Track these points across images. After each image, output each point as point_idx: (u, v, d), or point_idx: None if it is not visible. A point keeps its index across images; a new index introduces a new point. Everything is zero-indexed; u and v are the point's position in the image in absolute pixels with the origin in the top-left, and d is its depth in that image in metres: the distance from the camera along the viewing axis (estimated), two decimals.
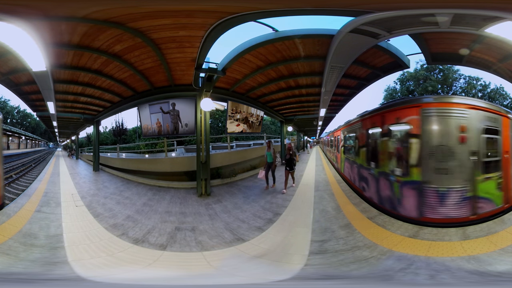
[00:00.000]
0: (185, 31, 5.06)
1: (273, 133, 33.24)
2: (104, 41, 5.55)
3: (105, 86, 8.57)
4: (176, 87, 8.29)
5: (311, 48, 6.47)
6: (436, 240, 4.06)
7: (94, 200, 7.15)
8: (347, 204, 6.35)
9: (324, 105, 10.30)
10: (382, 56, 7.35)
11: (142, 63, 6.73)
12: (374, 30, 4.86)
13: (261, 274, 3.55)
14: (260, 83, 9.00)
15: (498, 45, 5.99)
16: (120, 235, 4.72)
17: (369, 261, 3.66)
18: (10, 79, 8.01)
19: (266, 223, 5.33)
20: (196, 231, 4.90)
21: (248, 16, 4.27)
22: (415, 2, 3.92)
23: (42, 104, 10.32)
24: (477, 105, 4.75)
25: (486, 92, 25.91)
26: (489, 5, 3.64)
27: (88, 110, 12.15)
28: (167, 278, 3.49)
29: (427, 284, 3.11)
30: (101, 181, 10.55)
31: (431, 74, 27.13)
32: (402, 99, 6.65)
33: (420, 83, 27.17)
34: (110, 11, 4.33)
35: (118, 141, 28.71)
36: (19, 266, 3.56)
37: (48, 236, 4.58)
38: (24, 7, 3.64)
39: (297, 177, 10.66)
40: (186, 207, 6.43)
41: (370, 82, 9.27)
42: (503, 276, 3.17)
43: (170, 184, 9.10)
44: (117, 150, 16.00)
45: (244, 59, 6.83)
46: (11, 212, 5.68)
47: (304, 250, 4.08)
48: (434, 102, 4.86)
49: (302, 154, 23.46)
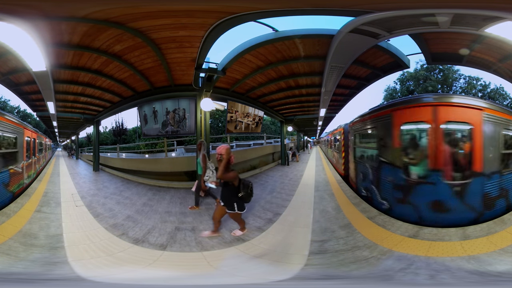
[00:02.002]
0: (185, 31, 5.06)
1: (273, 133, 33.23)
2: (104, 41, 5.55)
3: (105, 86, 8.57)
4: (176, 87, 8.29)
5: (311, 48, 6.47)
6: (436, 240, 4.06)
7: (94, 200, 7.15)
8: (347, 204, 6.35)
9: (324, 105, 10.30)
10: (382, 56, 7.35)
11: (142, 63, 6.73)
12: (374, 30, 4.86)
13: (261, 274, 3.54)
14: (260, 83, 9.00)
15: (498, 45, 5.99)
16: (120, 235, 4.71)
17: (369, 261, 3.66)
18: (10, 79, 8.01)
19: (266, 223, 5.33)
20: (196, 231, 4.89)
21: (248, 16, 4.27)
22: (415, 2, 3.92)
23: (42, 104, 10.32)
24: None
25: (486, 92, 25.91)
26: (489, 5, 3.64)
27: (88, 110, 12.16)
28: (167, 278, 3.48)
29: (427, 284, 3.11)
30: (101, 181, 10.55)
31: (431, 74, 27.13)
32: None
33: (420, 83, 27.17)
34: (110, 11, 4.33)
35: (118, 141, 28.72)
36: (19, 266, 3.56)
37: (48, 236, 4.57)
38: (24, 7, 3.63)
39: (297, 177, 10.69)
40: (186, 207, 6.43)
41: (370, 82, 9.28)
42: (503, 276, 3.16)
43: (170, 184, 9.10)
44: (117, 150, 16.01)
45: (244, 59, 6.83)
46: (11, 212, 5.68)
47: (304, 250, 4.08)
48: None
49: (303, 154, 23.46)
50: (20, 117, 24.51)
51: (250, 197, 4.41)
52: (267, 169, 13.36)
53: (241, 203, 4.41)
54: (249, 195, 4.37)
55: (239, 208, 4.42)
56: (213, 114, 32.67)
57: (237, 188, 4.32)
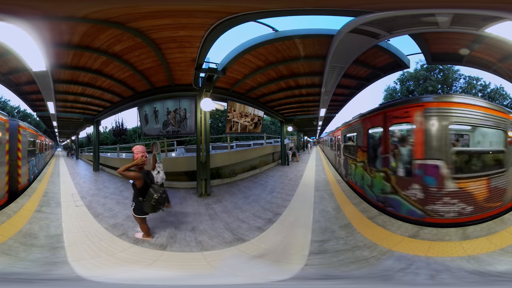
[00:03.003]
0: (185, 31, 5.06)
1: (273, 133, 33.23)
2: (104, 41, 5.55)
3: (105, 86, 8.56)
4: (176, 87, 8.29)
5: (311, 48, 6.47)
6: (436, 240, 4.06)
7: (94, 200, 7.15)
8: (347, 204, 6.35)
9: (324, 105, 10.30)
10: (382, 56, 7.35)
11: (142, 63, 6.73)
12: (374, 30, 4.86)
13: (261, 274, 3.55)
14: (260, 83, 8.99)
15: (498, 45, 6.00)
16: (120, 235, 4.72)
17: (369, 261, 3.66)
18: (10, 79, 8.01)
19: (266, 223, 5.33)
20: (196, 231, 4.90)
21: (248, 16, 4.27)
22: (415, 2, 3.91)
23: (42, 104, 10.33)
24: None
25: (486, 92, 25.92)
26: (489, 5, 3.64)
27: (88, 110, 12.15)
28: (167, 278, 3.48)
29: (427, 284, 3.11)
30: (101, 181, 10.55)
31: (431, 74, 27.13)
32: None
33: (420, 83, 27.17)
34: (110, 11, 4.33)
35: (118, 141, 28.71)
36: (19, 266, 3.56)
37: (48, 236, 4.58)
38: (24, 7, 3.63)
39: (297, 177, 10.69)
40: (186, 207, 6.43)
41: (370, 82, 9.27)
42: (503, 276, 3.17)
43: (170, 184, 9.10)
44: (117, 150, 16.00)
45: (244, 59, 6.83)
46: (11, 212, 5.69)
47: (304, 250, 4.08)
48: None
49: (303, 154, 23.47)
50: (20, 117, 24.54)
51: (152, 209, 4.20)
52: (267, 169, 13.36)
53: (138, 206, 4.29)
54: (151, 206, 4.16)
55: (135, 211, 4.33)
56: (213, 114, 32.67)
57: (139, 191, 4.25)
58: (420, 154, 4.60)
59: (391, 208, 5.26)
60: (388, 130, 5.54)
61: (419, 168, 4.60)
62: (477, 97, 6.20)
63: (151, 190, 4.22)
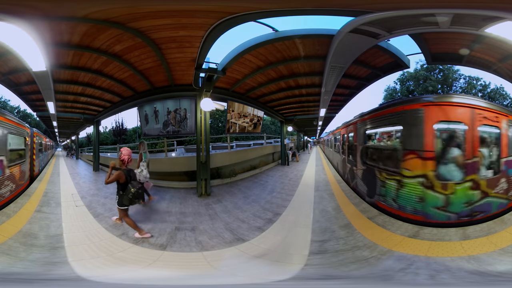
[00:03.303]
0: (185, 31, 5.06)
1: (273, 133, 33.22)
2: (104, 41, 5.55)
3: (105, 86, 8.56)
4: (176, 87, 8.29)
5: (311, 48, 6.47)
6: (436, 240, 4.06)
7: (94, 200, 7.15)
8: (347, 204, 6.35)
9: (324, 105, 10.30)
10: (382, 56, 7.35)
11: (142, 63, 6.73)
12: (374, 30, 4.86)
13: (261, 274, 3.55)
14: (260, 83, 9.00)
15: (498, 45, 6.00)
16: (120, 235, 4.72)
17: (369, 261, 3.66)
18: (10, 79, 8.01)
19: (266, 223, 5.33)
20: (196, 231, 4.90)
21: (248, 16, 4.27)
22: (415, 2, 3.91)
23: (42, 104, 10.33)
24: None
25: (486, 92, 25.92)
26: (489, 5, 3.64)
27: (88, 110, 12.15)
28: (167, 278, 3.49)
29: (427, 284, 3.11)
30: (101, 181, 10.53)
31: (431, 74, 27.14)
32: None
33: (420, 83, 27.17)
34: (110, 11, 4.33)
35: (118, 141, 28.70)
36: (19, 266, 3.56)
37: (48, 236, 4.58)
38: (24, 7, 3.63)
39: (297, 177, 10.69)
40: (186, 207, 6.43)
41: (370, 82, 9.27)
42: (503, 276, 3.17)
43: (170, 184, 9.10)
44: (117, 150, 15.99)
45: (244, 59, 6.83)
46: (11, 212, 5.69)
47: (304, 250, 4.08)
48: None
49: (303, 154, 23.47)
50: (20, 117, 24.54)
51: (129, 201, 4.77)
52: (267, 169, 13.36)
53: (119, 200, 4.83)
54: (128, 199, 4.75)
55: (118, 203, 4.85)
56: (213, 114, 32.67)
57: (121, 186, 4.80)
58: (505, 153, 5.26)
59: (483, 214, 4.76)
60: (476, 130, 4.78)
61: (505, 164, 5.22)
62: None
63: (129, 186, 4.77)
